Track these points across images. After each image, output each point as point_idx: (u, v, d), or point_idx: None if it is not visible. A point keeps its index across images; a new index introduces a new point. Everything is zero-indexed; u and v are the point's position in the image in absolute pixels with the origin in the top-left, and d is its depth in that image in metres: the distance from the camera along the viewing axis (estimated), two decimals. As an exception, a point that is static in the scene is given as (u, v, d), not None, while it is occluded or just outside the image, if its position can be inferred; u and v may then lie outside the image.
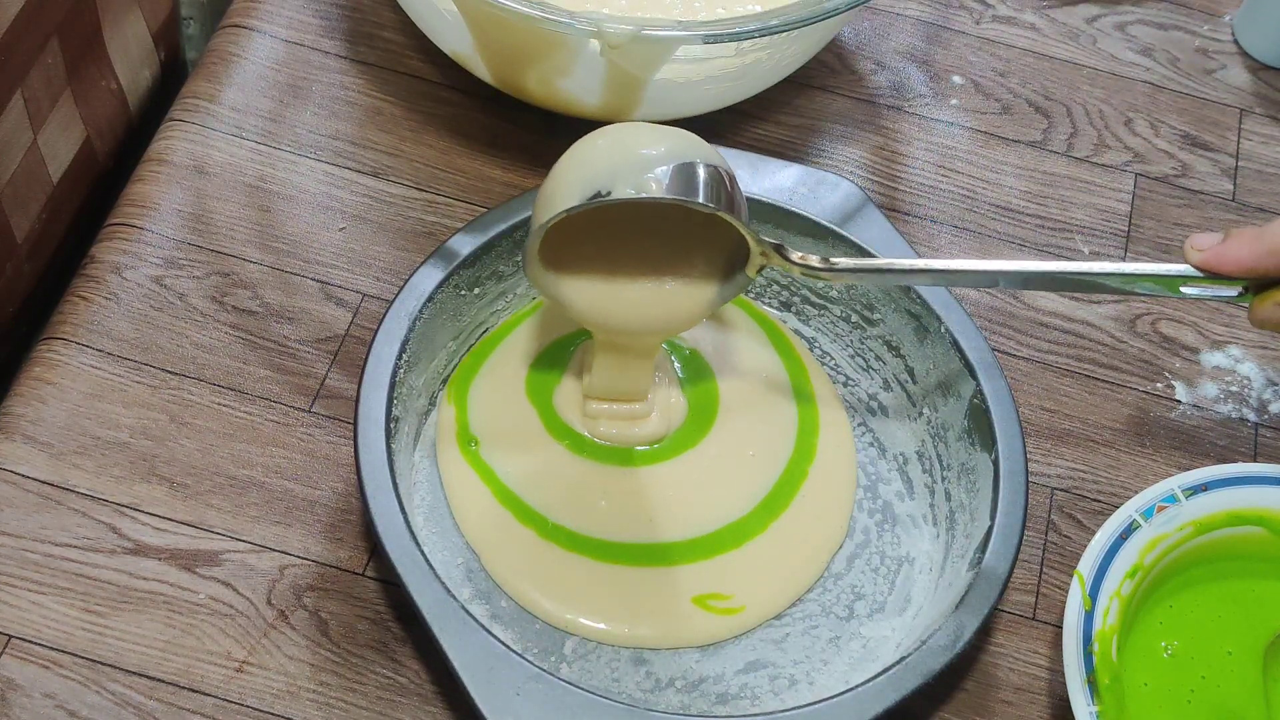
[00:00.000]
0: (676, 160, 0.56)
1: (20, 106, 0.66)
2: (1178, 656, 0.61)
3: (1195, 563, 0.62)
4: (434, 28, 0.72)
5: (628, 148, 0.57)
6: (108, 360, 0.65)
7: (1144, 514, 0.61)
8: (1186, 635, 0.61)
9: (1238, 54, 0.84)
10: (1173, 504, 0.61)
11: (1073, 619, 0.58)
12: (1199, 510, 0.62)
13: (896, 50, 0.81)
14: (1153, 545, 0.60)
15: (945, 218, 0.75)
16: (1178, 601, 0.62)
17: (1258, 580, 0.63)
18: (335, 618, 0.60)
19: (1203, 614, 0.62)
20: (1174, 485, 0.62)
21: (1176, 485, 0.62)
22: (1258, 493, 0.62)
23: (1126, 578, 0.59)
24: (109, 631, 0.58)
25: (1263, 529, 0.62)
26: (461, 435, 0.64)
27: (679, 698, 0.60)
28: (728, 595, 0.62)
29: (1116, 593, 0.59)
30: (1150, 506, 0.61)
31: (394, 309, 0.62)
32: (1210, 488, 0.62)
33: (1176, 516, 0.61)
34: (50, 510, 0.61)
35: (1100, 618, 0.58)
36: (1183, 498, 0.62)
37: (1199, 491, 0.62)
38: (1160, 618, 0.62)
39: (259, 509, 0.62)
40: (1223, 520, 0.62)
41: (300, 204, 0.71)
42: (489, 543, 0.62)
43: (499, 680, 0.54)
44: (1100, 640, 0.58)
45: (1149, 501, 0.61)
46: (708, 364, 0.68)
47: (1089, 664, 0.57)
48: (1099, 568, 0.59)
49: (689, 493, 0.64)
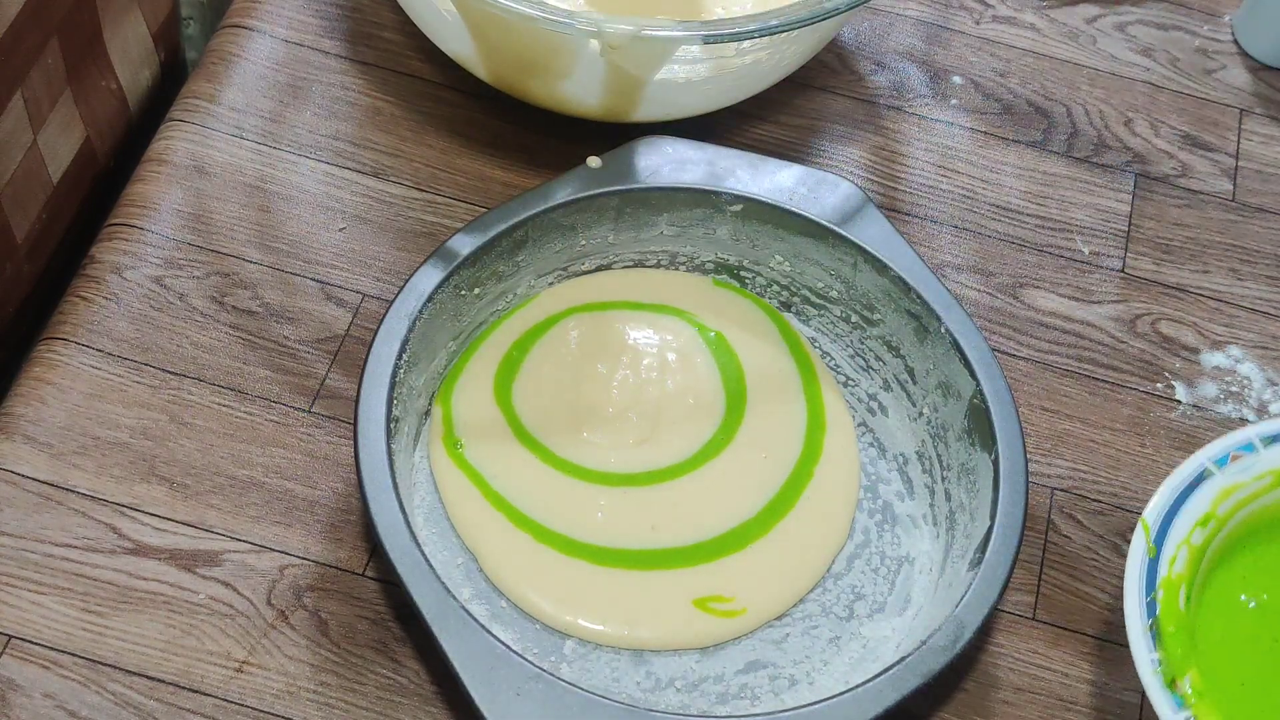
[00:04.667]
0: None
1: (20, 106, 0.66)
2: (1263, 609, 0.58)
3: (1275, 522, 0.59)
4: (434, 28, 0.72)
5: None
6: (108, 360, 0.65)
7: (1217, 462, 0.58)
8: (1274, 589, 0.58)
9: (1238, 54, 0.84)
10: (1250, 452, 0.58)
11: (1135, 565, 0.55)
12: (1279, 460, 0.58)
13: (896, 50, 0.81)
14: (1227, 494, 0.57)
15: (945, 218, 0.75)
16: (1264, 555, 0.59)
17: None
18: (335, 618, 0.60)
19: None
20: (1251, 434, 0.58)
21: (1255, 434, 0.58)
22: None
23: (1198, 526, 0.56)
24: (109, 631, 0.58)
25: None
26: (447, 437, 0.64)
27: (679, 698, 0.60)
28: (729, 598, 0.62)
29: (1185, 541, 0.56)
30: (1224, 455, 0.58)
31: (394, 309, 0.62)
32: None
33: (1254, 465, 0.58)
34: (50, 510, 0.61)
35: (1166, 565, 0.55)
36: (1261, 446, 0.58)
37: (1278, 440, 0.58)
38: (1243, 570, 0.58)
39: (259, 509, 0.62)
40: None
41: (300, 204, 0.71)
42: (486, 545, 0.62)
43: (499, 680, 0.54)
44: (1166, 588, 0.55)
45: (1223, 450, 0.58)
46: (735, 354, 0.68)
47: (1151, 610, 0.54)
48: (1165, 515, 0.56)
49: (697, 500, 0.64)
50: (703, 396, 0.67)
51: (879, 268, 0.66)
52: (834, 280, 0.68)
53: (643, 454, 0.65)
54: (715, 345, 0.68)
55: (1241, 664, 0.57)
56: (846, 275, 0.68)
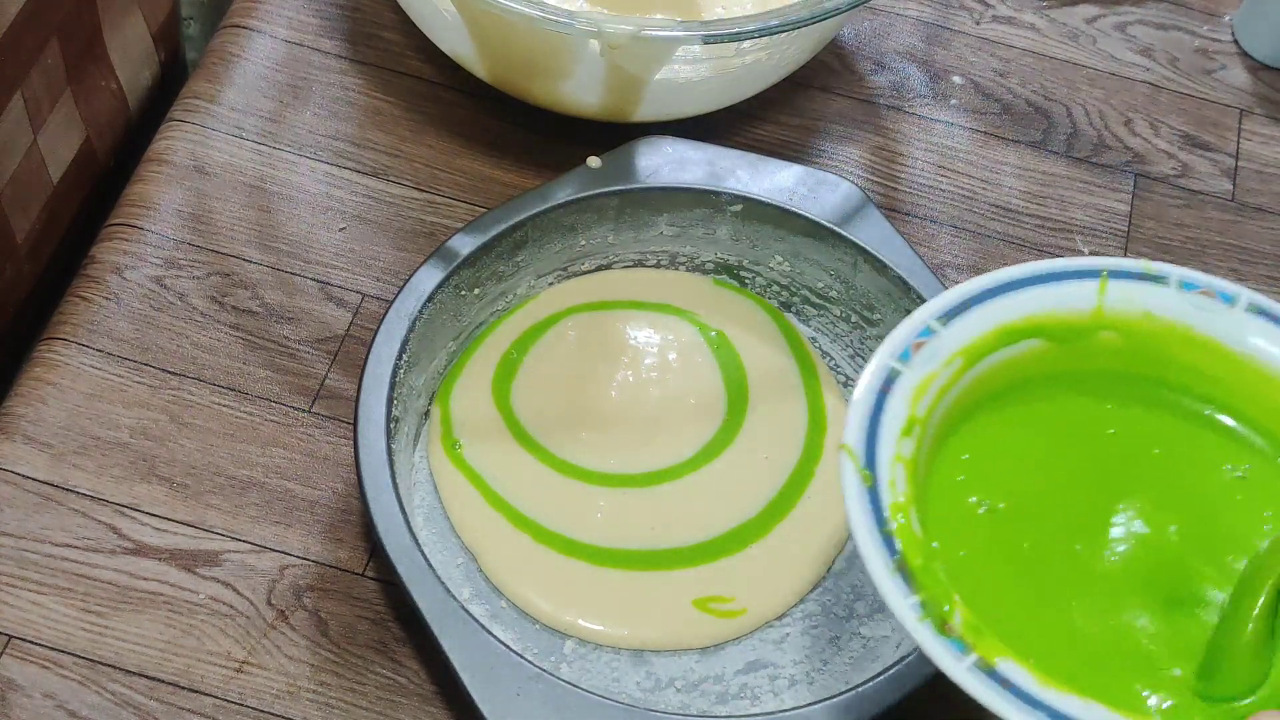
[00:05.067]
0: None
1: (20, 107, 0.66)
2: (998, 511, 0.51)
3: (978, 402, 0.52)
4: (434, 28, 0.72)
5: None
6: (108, 360, 0.65)
7: (900, 357, 0.50)
8: (1000, 485, 0.51)
9: (1238, 54, 0.84)
10: (930, 337, 0.51)
11: (855, 500, 0.47)
12: (963, 336, 0.51)
13: (896, 50, 0.81)
14: (922, 390, 0.50)
15: (945, 218, 0.75)
16: (974, 450, 0.52)
17: (1056, 404, 0.53)
18: (335, 618, 0.60)
19: (1015, 458, 0.52)
20: (925, 316, 0.51)
21: (928, 315, 0.51)
22: (1023, 298, 0.52)
23: (903, 436, 0.49)
24: (109, 632, 0.58)
25: (1040, 340, 0.53)
26: (446, 437, 0.64)
27: (679, 698, 0.60)
28: (729, 598, 0.62)
29: (897, 457, 0.48)
30: (905, 348, 0.50)
31: (394, 309, 0.62)
32: (968, 307, 0.52)
33: (939, 350, 0.51)
34: (50, 510, 0.61)
35: (887, 489, 0.47)
36: (939, 326, 0.51)
37: (956, 315, 0.51)
38: (961, 472, 0.51)
39: (259, 509, 0.62)
40: (994, 341, 0.52)
41: (300, 204, 0.71)
42: (485, 545, 0.62)
43: (499, 680, 0.54)
44: (897, 513, 0.47)
45: (902, 341, 0.50)
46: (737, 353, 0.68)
47: (891, 546, 0.46)
48: (867, 432, 0.48)
49: (698, 501, 0.64)
50: (704, 396, 0.67)
51: (879, 268, 0.66)
52: (834, 280, 0.68)
53: (643, 454, 0.65)
54: (717, 345, 0.68)
55: (997, 576, 0.50)
56: (846, 275, 0.68)
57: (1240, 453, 0.54)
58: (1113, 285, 0.54)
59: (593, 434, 0.65)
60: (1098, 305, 0.53)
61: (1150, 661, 0.49)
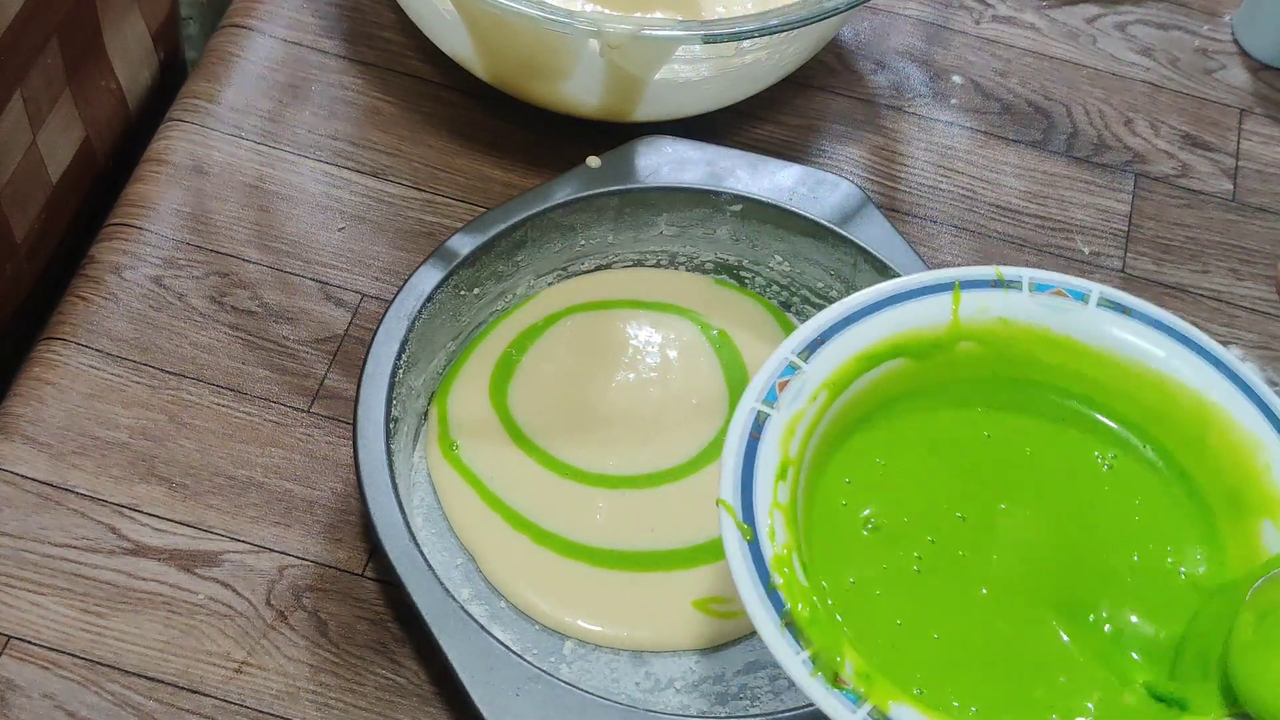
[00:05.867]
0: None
1: (20, 107, 0.66)
2: (883, 530, 0.51)
3: (851, 427, 0.52)
4: (434, 28, 0.72)
5: None
6: (107, 360, 0.65)
7: (766, 399, 0.50)
8: (883, 506, 0.51)
9: (1238, 54, 0.84)
10: (793, 374, 0.50)
11: (737, 558, 0.47)
12: (825, 368, 0.51)
13: (896, 50, 0.81)
14: (791, 430, 0.49)
15: (945, 218, 0.75)
16: (853, 474, 0.52)
17: (927, 418, 0.54)
18: (334, 618, 0.60)
19: (893, 476, 0.52)
20: (785, 353, 0.51)
21: (787, 351, 0.51)
22: (879, 321, 0.53)
23: (778, 481, 0.48)
24: (108, 632, 0.58)
25: (902, 359, 0.53)
26: (443, 438, 0.64)
27: (678, 698, 0.60)
28: (729, 599, 0.61)
29: (774, 504, 0.48)
30: (769, 388, 0.50)
31: (393, 309, 0.62)
32: (825, 338, 0.52)
33: (803, 386, 0.50)
34: (49, 510, 0.61)
35: (767, 541, 0.47)
36: (801, 362, 0.51)
37: (816, 347, 0.51)
38: (841, 500, 0.51)
39: (258, 509, 0.62)
40: (857, 367, 0.52)
41: (300, 204, 0.71)
42: (484, 545, 0.62)
43: (498, 681, 0.54)
44: (778, 568, 0.47)
45: (766, 382, 0.50)
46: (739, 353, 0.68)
47: (777, 602, 0.46)
48: (742, 483, 0.48)
49: (699, 502, 0.64)
50: (706, 396, 0.67)
51: (879, 268, 0.66)
52: (834, 280, 0.68)
53: (644, 455, 0.65)
54: (719, 344, 0.68)
55: (889, 603, 0.49)
56: (846, 275, 0.68)
57: (1106, 443, 0.55)
58: (966, 296, 0.54)
59: (592, 434, 0.65)
60: (953, 318, 0.53)
61: (1043, 667, 0.50)
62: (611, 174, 0.67)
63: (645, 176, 0.68)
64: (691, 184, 0.68)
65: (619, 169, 0.68)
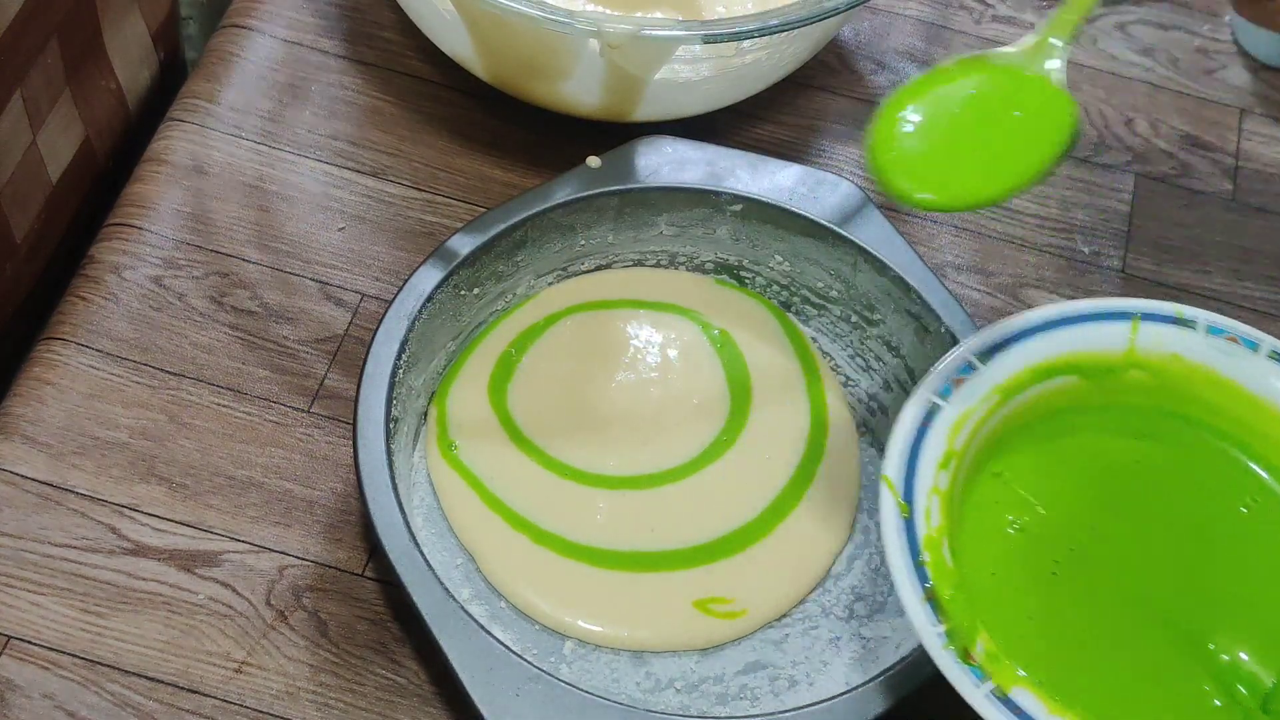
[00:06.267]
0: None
1: (19, 106, 0.66)
2: (1028, 531, 0.54)
3: (1012, 432, 0.55)
4: (434, 28, 0.72)
5: None
6: (107, 360, 0.65)
7: (941, 394, 0.53)
8: (1033, 509, 0.55)
9: (1238, 54, 0.84)
10: (969, 374, 0.54)
11: (892, 531, 0.51)
12: (1001, 373, 0.54)
13: (896, 50, 0.81)
14: (960, 425, 0.53)
15: (945, 218, 0.75)
16: (1010, 475, 0.55)
17: (1086, 436, 0.57)
18: (334, 618, 0.60)
19: (1045, 482, 0.55)
20: (965, 353, 0.54)
21: (968, 351, 0.54)
22: (1059, 337, 0.56)
23: (940, 469, 0.52)
24: (108, 632, 0.58)
25: (1075, 377, 0.56)
26: (441, 438, 0.64)
27: (678, 698, 0.60)
28: (729, 599, 0.61)
29: (934, 489, 0.51)
30: (946, 384, 0.53)
31: (393, 309, 0.62)
32: (1006, 345, 0.55)
33: (978, 386, 0.54)
34: (49, 511, 0.61)
35: (923, 521, 0.51)
36: (979, 364, 0.54)
37: (995, 352, 0.55)
38: (995, 496, 0.54)
39: (258, 509, 0.62)
40: (1030, 377, 0.55)
41: (300, 204, 0.71)
42: (483, 546, 0.62)
43: (498, 681, 0.54)
44: (929, 547, 0.50)
45: (944, 378, 0.54)
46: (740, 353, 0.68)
47: (923, 577, 0.50)
48: (907, 465, 0.52)
49: (699, 503, 0.64)
50: (707, 396, 0.67)
51: (879, 268, 0.66)
52: (834, 280, 0.68)
53: (644, 456, 0.65)
54: (720, 343, 0.68)
55: (1023, 598, 0.53)
56: (846, 275, 0.68)
57: (1250, 488, 0.57)
58: (1144, 327, 0.57)
59: (592, 434, 0.65)
60: (1129, 346, 0.56)
61: (1159, 681, 0.53)
62: (611, 174, 0.67)
63: (645, 176, 0.68)
64: (691, 184, 0.68)
65: (619, 169, 0.68)
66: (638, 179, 0.68)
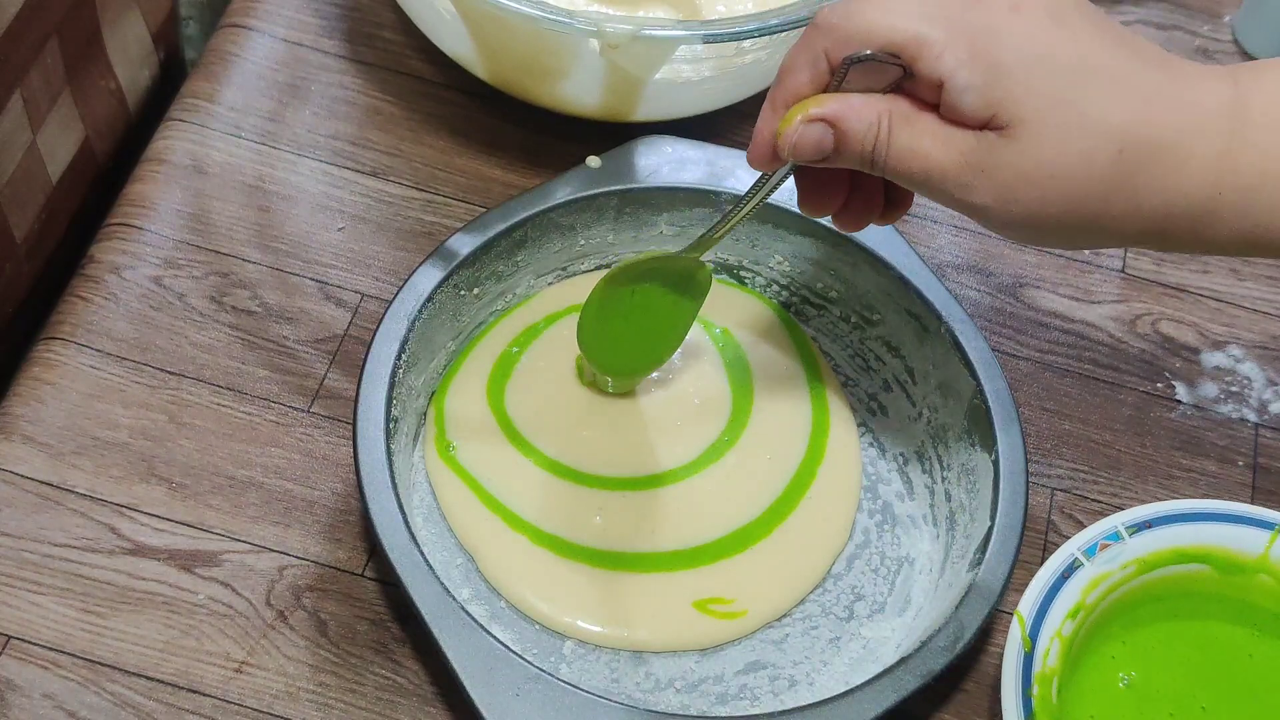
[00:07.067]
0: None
1: (19, 106, 0.66)
2: (1136, 687, 0.60)
3: (1140, 601, 0.61)
4: (434, 28, 0.72)
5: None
6: (107, 360, 0.65)
7: (1086, 552, 0.59)
8: (1145, 668, 0.60)
9: (1238, 54, 0.84)
10: (1116, 541, 0.60)
11: (1012, 661, 0.56)
12: (1143, 548, 0.60)
13: (896, 50, 0.81)
14: (1095, 584, 0.59)
15: (945, 217, 0.75)
16: (1130, 638, 0.61)
17: (1208, 621, 0.62)
18: (334, 618, 0.60)
19: (1161, 650, 0.61)
20: (1117, 523, 0.60)
21: (1120, 522, 0.60)
22: (1203, 529, 0.61)
23: (1068, 618, 0.58)
24: (108, 632, 0.58)
25: (1208, 567, 0.61)
26: (439, 439, 0.64)
27: (678, 698, 0.60)
28: (729, 600, 0.61)
29: (1058, 633, 0.57)
30: (1093, 544, 0.59)
31: (393, 309, 0.62)
32: (1155, 525, 0.60)
33: (1120, 554, 0.59)
34: (49, 510, 0.61)
35: (1040, 659, 0.57)
36: (1126, 535, 0.60)
37: (1143, 529, 0.60)
38: (1113, 652, 0.60)
39: (258, 509, 0.62)
40: (1168, 558, 0.60)
41: (299, 204, 0.71)
42: (483, 546, 0.62)
43: (498, 681, 0.54)
44: (1040, 683, 0.56)
45: (1092, 539, 0.60)
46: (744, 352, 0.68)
47: (1028, 707, 0.55)
48: (1039, 607, 0.58)
49: (700, 504, 0.64)
50: (708, 396, 0.67)
51: (879, 268, 0.66)
52: (834, 280, 0.68)
53: (644, 457, 0.65)
54: (721, 342, 0.68)
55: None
56: (846, 275, 0.68)
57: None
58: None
59: (592, 434, 0.65)
60: (1265, 552, 0.61)
61: None
62: (611, 174, 0.67)
63: (645, 176, 0.68)
64: (691, 184, 0.68)
65: (619, 169, 0.68)
66: (637, 179, 0.68)
